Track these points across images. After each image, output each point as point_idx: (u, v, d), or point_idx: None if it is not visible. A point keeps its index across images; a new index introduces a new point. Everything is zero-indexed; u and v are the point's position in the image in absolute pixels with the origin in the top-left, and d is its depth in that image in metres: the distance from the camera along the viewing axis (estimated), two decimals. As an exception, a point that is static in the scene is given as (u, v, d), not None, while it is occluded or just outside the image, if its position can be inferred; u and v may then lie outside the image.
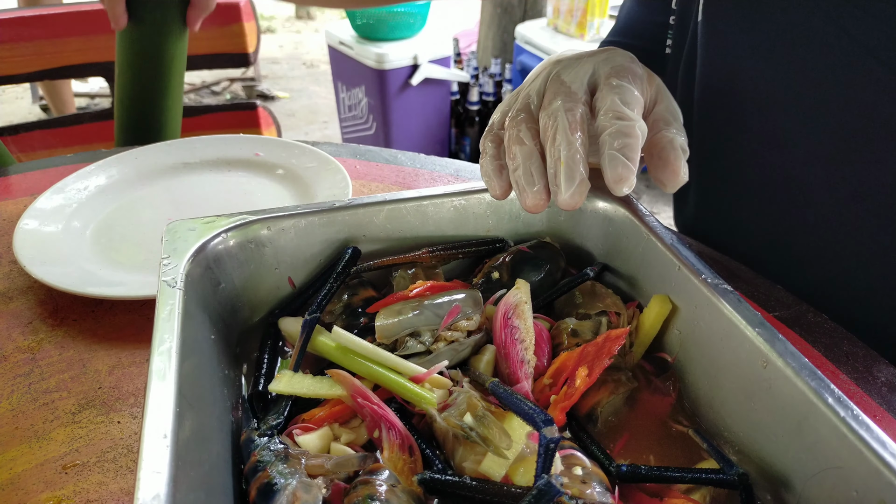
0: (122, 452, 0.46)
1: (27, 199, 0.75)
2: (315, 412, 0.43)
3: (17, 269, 0.65)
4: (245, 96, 3.33)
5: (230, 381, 0.47)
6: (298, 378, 0.44)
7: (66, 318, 0.59)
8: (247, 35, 1.16)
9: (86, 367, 0.54)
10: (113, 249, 0.69)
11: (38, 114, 2.94)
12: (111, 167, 0.81)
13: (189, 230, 0.48)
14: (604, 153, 0.40)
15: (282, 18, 4.87)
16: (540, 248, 0.55)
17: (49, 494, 0.43)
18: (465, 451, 0.39)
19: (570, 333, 0.48)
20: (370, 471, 0.37)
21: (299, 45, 4.27)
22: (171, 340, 0.39)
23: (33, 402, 0.51)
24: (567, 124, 0.40)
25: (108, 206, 0.76)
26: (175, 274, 0.44)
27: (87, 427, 0.48)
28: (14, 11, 1.06)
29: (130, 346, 0.56)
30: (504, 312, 0.46)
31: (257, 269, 0.51)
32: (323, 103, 3.38)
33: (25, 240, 0.65)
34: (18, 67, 1.08)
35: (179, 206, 0.78)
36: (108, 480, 0.44)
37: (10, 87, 2.98)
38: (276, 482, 0.36)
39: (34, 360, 0.54)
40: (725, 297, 0.42)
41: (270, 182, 0.82)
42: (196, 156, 0.86)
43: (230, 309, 0.50)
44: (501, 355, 0.46)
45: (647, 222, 0.51)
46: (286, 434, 0.42)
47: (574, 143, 0.40)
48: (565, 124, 0.40)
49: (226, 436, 0.42)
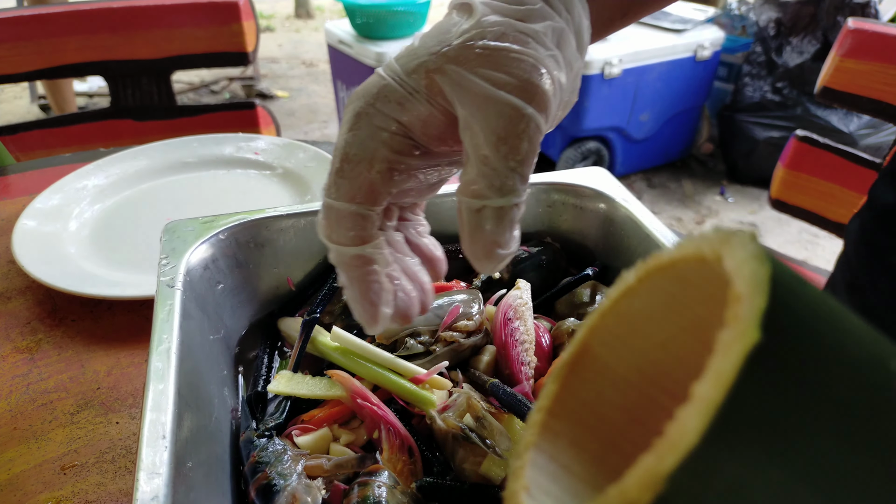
0: (121, 453, 0.46)
1: (26, 199, 0.75)
2: (314, 413, 0.43)
3: (16, 269, 0.65)
4: (244, 95, 3.32)
5: (229, 381, 0.47)
6: (298, 379, 0.44)
7: (64, 318, 0.59)
8: (245, 34, 1.16)
9: (84, 368, 0.53)
10: (111, 249, 0.68)
11: (36, 113, 2.94)
12: (110, 167, 0.81)
13: (188, 230, 0.48)
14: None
15: (281, 17, 4.86)
16: (541, 249, 0.55)
17: (48, 495, 0.43)
18: (464, 452, 0.38)
19: (570, 334, 0.48)
20: (369, 472, 0.37)
21: (299, 44, 4.27)
22: (169, 341, 0.39)
23: (32, 402, 0.50)
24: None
25: (107, 205, 0.76)
26: (174, 274, 0.44)
27: (85, 428, 0.48)
28: (12, 10, 1.06)
29: (129, 346, 0.56)
30: (504, 313, 0.46)
31: (256, 269, 0.51)
32: (322, 102, 3.37)
33: (24, 240, 0.65)
34: (17, 67, 1.07)
35: (178, 206, 0.78)
36: (106, 481, 0.44)
37: (8, 86, 2.98)
38: (276, 483, 0.36)
39: (32, 361, 0.54)
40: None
41: (269, 182, 0.82)
42: (195, 155, 0.86)
43: (229, 309, 0.50)
44: (502, 356, 0.45)
45: (647, 222, 0.51)
46: (285, 435, 0.42)
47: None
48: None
49: (225, 436, 0.42)
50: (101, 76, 1.14)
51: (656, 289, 0.19)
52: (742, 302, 0.13)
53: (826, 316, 0.14)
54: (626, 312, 0.20)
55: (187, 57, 1.16)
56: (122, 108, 1.17)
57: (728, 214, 2.45)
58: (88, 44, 1.10)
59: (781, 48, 2.39)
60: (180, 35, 1.14)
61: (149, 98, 1.17)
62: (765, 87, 2.43)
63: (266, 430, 0.41)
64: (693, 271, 0.17)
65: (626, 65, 2.23)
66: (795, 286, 0.14)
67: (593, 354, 0.22)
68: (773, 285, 0.13)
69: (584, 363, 0.22)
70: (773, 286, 0.13)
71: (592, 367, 0.22)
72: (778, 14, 2.37)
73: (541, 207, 0.58)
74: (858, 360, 0.14)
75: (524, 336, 0.46)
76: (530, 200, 0.57)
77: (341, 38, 2.41)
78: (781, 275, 0.14)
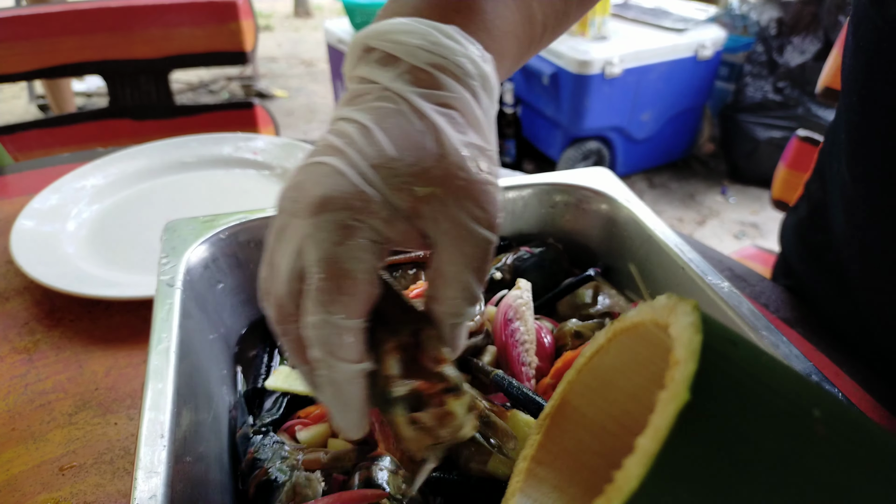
0: (120, 454, 0.46)
1: (24, 199, 0.75)
2: (311, 410, 0.43)
3: (14, 270, 0.64)
4: (243, 95, 3.32)
5: (228, 380, 0.47)
6: (295, 375, 0.44)
7: (62, 318, 0.59)
8: (244, 33, 1.16)
9: (82, 369, 0.53)
10: (109, 250, 0.68)
11: (34, 113, 2.94)
12: (108, 167, 0.80)
13: (188, 229, 0.48)
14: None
15: (280, 16, 4.86)
16: (543, 249, 0.54)
17: (46, 496, 0.43)
18: (469, 452, 0.38)
19: (573, 335, 0.47)
20: (372, 457, 0.37)
21: (298, 44, 4.26)
22: (169, 340, 0.38)
23: (30, 403, 0.50)
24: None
25: (105, 205, 0.76)
26: (174, 273, 0.44)
27: (83, 428, 0.48)
28: (11, 10, 1.05)
29: (127, 347, 0.55)
30: (504, 314, 0.46)
31: (256, 268, 0.50)
32: (321, 102, 3.37)
33: (22, 240, 0.64)
34: (15, 66, 1.07)
35: (176, 206, 0.77)
36: (105, 482, 0.44)
37: (6, 85, 2.98)
38: (276, 478, 0.36)
39: (31, 361, 0.54)
40: (730, 298, 0.42)
41: (269, 181, 0.82)
42: (193, 155, 0.85)
43: (229, 308, 0.50)
44: (502, 357, 0.45)
45: (650, 223, 0.51)
46: (283, 430, 0.42)
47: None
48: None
49: (223, 434, 0.42)
50: (99, 76, 1.14)
51: (623, 347, 0.22)
52: (678, 366, 0.16)
53: (755, 372, 0.16)
54: (599, 368, 0.23)
55: (186, 56, 1.15)
56: (120, 108, 1.16)
57: (729, 215, 2.45)
58: (87, 43, 1.10)
59: (783, 48, 2.39)
60: (179, 34, 1.13)
61: (147, 98, 1.17)
62: (766, 87, 2.43)
63: (263, 425, 0.41)
64: (651, 333, 0.20)
65: (626, 64, 2.23)
66: (727, 350, 0.16)
67: (572, 406, 0.24)
68: (704, 351, 0.16)
69: (565, 414, 0.24)
70: (704, 352, 0.16)
71: (572, 418, 0.24)
72: (779, 13, 2.37)
73: (543, 208, 0.57)
74: (782, 412, 0.16)
75: (524, 336, 0.45)
76: (532, 201, 0.57)
77: (340, 37, 2.41)
78: (714, 341, 0.16)
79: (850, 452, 0.16)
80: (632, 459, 0.15)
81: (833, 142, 0.59)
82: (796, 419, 0.16)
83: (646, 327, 0.20)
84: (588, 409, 0.24)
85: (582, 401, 0.24)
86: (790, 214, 0.71)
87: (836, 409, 0.17)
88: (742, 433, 0.15)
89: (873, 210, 0.49)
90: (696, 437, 0.15)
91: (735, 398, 0.16)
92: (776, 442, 0.15)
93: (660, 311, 0.18)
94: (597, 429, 0.24)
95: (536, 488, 0.23)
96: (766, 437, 0.15)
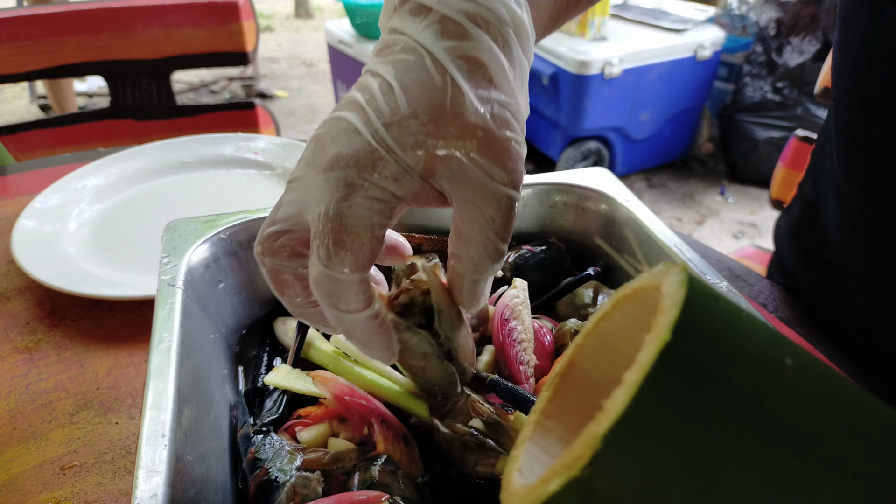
0: (121, 454, 0.46)
1: (25, 199, 0.75)
2: (311, 409, 0.43)
3: (15, 270, 0.65)
4: (244, 95, 3.32)
5: (229, 379, 0.47)
6: (295, 374, 0.44)
7: (63, 318, 0.59)
8: (245, 34, 1.16)
9: (84, 368, 0.53)
10: (111, 249, 0.68)
11: (36, 113, 2.94)
12: (109, 167, 0.81)
13: (189, 229, 0.48)
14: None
15: (281, 17, 4.86)
16: (545, 248, 0.55)
17: (47, 495, 0.43)
18: (476, 457, 0.38)
19: (572, 334, 0.47)
20: (370, 457, 0.37)
21: (298, 44, 4.27)
22: (170, 339, 0.38)
23: (31, 402, 0.50)
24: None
25: (107, 205, 0.76)
26: (175, 273, 0.44)
27: (85, 428, 0.48)
28: (12, 10, 1.06)
29: (128, 346, 0.55)
30: (501, 313, 0.46)
31: (257, 268, 0.51)
32: (322, 102, 3.37)
33: (23, 240, 0.65)
34: (17, 66, 1.07)
35: (177, 206, 0.77)
36: (106, 482, 0.44)
37: (8, 86, 2.98)
38: (276, 478, 0.36)
39: (32, 361, 0.54)
40: (728, 297, 0.42)
41: (269, 181, 0.82)
42: (194, 155, 0.86)
43: (230, 308, 0.50)
44: (500, 357, 0.45)
45: (649, 223, 0.51)
46: (284, 429, 0.42)
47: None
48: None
49: (224, 434, 0.42)
50: (100, 76, 1.14)
51: (626, 312, 0.24)
52: (663, 314, 0.18)
53: (732, 323, 0.19)
54: (604, 332, 0.25)
55: (187, 57, 1.15)
56: (121, 108, 1.17)
57: (728, 214, 2.45)
58: (88, 43, 1.10)
59: (782, 48, 2.39)
60: (180, 35, 1.14)
61: (148, 98, 1.17)
62: (765, 87, 2.44)
63: (263, 425, 0.41)
64: (649, 296, 0.22)
65: (626, 65, 2.23)
66: (708, 303, 0.19)
67: (579, 367, 0.26)
68: (687, 302, 0.18)
69: (572, 374, 0.26)
70: (687, 303, 0.18)
71: (578, 378, 0.26)
72: (778, 14, 2.37)
73: (542, 208, 0.58)
74: (755, 357, 0.18)
75: (522, 335, 0.45)
76: (532, 201, 0.57)
77: (341, 37, 2.41)
78: (697, 295, 0.18)
79: (818, 398, 0.18)
80: (619, 390, 0.17)
81: (825, 139, 0.59)
82: (768, 364, 0.18)
83: (645, 292, 0.22)
84: (593, 370, 0.26)
85: (587, 363, 0.26)
86: (784, 215, 0.71)
87: (808, 361, 0.19)
88: (716, 371, 0.17)
89: (865, 205, 0.50)
90: (675, 371, 0.17)
91: (712, 342, 0.18)
92: (747, 380, 0.18)
93: (656, 276, 0.21)
94: (600, 388, 0.26)
95: (545, 438, 0.26)
96: (738, 375, 0.18)
